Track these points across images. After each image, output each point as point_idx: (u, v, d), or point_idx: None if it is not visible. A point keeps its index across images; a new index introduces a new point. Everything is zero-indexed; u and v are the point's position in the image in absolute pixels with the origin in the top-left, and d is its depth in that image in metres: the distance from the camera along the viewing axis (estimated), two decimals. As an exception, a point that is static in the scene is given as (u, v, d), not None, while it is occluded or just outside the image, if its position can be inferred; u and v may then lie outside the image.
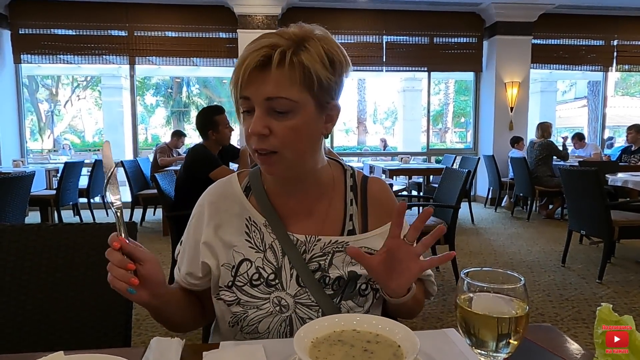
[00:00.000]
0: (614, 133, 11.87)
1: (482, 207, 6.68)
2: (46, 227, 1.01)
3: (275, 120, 0.72)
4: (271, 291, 0.80)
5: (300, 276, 0.80)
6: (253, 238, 0.83)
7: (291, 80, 0.70)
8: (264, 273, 0.81)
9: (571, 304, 2.84)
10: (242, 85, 0.71)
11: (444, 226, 0.75)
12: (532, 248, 4.23)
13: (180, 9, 6.31)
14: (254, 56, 0.70)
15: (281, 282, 0.80)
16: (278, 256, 0.81)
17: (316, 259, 0.82)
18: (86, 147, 16.27)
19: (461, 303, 0.54)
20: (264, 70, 0.70)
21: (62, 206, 4.77)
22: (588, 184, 3.23)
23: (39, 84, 16.50)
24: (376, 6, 6.54)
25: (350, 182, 0.89)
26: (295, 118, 0.72)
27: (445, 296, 2.98)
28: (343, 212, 0.86)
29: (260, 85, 0.71)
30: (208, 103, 18.31)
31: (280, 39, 0.71)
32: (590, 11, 6.84)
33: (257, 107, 0.72)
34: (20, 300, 0.96)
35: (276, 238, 0.82)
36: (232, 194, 0.86)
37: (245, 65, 0.70)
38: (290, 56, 0.70)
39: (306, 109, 0.73)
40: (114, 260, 0.67)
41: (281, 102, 0.71)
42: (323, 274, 0.81)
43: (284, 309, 0.80)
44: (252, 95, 0.72)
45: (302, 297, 0.80)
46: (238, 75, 0.71)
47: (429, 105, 7.48)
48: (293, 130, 0.72)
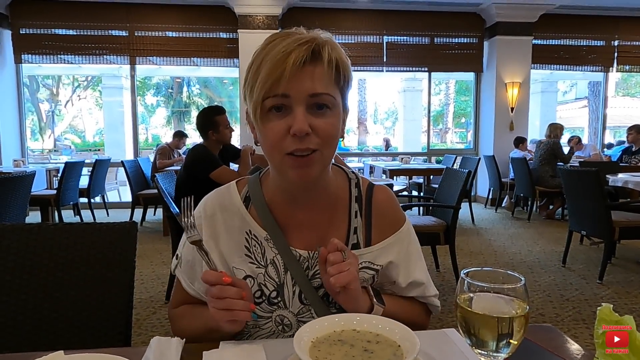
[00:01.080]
0: (615, 134, 11.86)
1: (482, 207, 6.68)
2: (47, 226, 1.01)
3: (316, 118, 0.69)
4: (273, 309, 0.78)
5: (303, 293, 0.77)
6: (253, 253, 0.79)
7: (331, 77, 0.70)
8: (265, 290, 0.78)
9: (572, 304, 2.83)
10: (284, 81, 0.66)
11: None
12: (532, 248, 4.22)
13: (180, 9, 6.32)
14: (300, 50, 0.66)
15: (284, 299, 0.77)
16: (280, 272, 0.78)
17: (319, 276, 0.77)
18: (87, 147, 16.29)
19: (461, 303, 0.54)
20: (306, 65, 0.67)
21: (62, 206, 4.78)
22: (588, 185, 3.23)
23: (39, 83, 16.52)
24: (377, 6, 6.54)
25: (355, 193, 0.84)
26: (333, 115, 0.71)
27: (446, 296, 2.98)
28: (347, 224, 0.82)
29: (304, 81, 0.67)
30: (209, 103, 18.32)
31: (308, 35, 0.69)
32: (590, 11, 6.84)
33: (297, 105, 0.67)
34: (20, 299, 0.96)
35: (278, 253, 0.78)
36: (232, 205, 0.82)
37: (293, 60, 0.65)
38: (330, 52, 0.69)
39: (339, 107, 0.72)
40: (232, 294, 0.66)
41: (324, 98, 0.69)
42: (326, 291, 0.77)
43: (286, 328, 0.77)
44: (293, 91, 0.67)
45: (305, 315, 0.77)
46: (280, 70, 0.65)
47: (429, 105, 7.48)
48: (333, 127, 0.70)
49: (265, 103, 0.68)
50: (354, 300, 0.73)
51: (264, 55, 0.69)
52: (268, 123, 0.69)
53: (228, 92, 17.63)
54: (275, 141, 0.68)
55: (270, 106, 0.68)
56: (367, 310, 0.75)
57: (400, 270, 0.82)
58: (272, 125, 0.68)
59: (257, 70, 0.68)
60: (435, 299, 0.88)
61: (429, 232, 3.02)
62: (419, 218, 3.39)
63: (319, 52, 0.68)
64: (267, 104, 0.68)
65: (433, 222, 3.08)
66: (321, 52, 0.68)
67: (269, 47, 0.69)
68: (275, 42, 0.69)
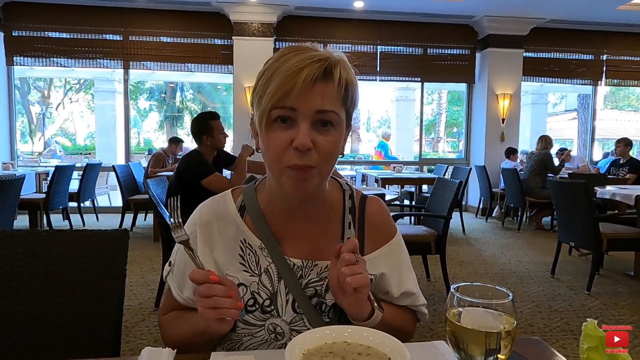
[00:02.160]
0: (603, 146, 12.04)
1: (473, 217, 6.72)
2: (37, 233, 1.01)
3: (319, 134, 0.70)
4: (266, 318, 0.78)
5: (297, 302, 0.78)
6: (248, 261, 0.80)
7: (338, 95, 0.71)
8: (259, 298, 0.78)
9: (560, 315, 2.86)
10: (294, 95, 0.67)
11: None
12: (522, 259, 4.26)
13: (175, 14, 6.33)
14: (313, 67, 0.67)
15: (277, 308, 0.78)
16: (274, 281, 0.79)
17: (312, 285, 0.79)
18: (77, 150, 16.13)
19: (450, 317, 0.55)
20: (316, 83, 0.68)
21: (51, 210, 4.72)
22: (577, 196, 3.27)
23: (30, 86, 16.38)
24: (371, 17, 6.61)
25: (349, 204, 0.86)
26: (335, 134, 0.72)
27: (436, 306, 2.99)
28: (340, 235, 0.83)
29: (311, 97, 0.68)
30: (202, 108, 18.27)
31: (321, 53, 0.70)
32: (580, 26, 6.98)
33: (303, 120, 0.69)
34: (8, 307, 0.95)
35: (272, 262, 0.79)
36: (227, 214, 0.82)
37: (305, 75, 0.66)
38: (341, 72, 0.70)
39: (342, 125, 0.74)
40: (219, 292, 0.65)
41: (330, 116, 0.70)
42: (319, 300, 0.79)
43: (279, 337, 0.78)
44: (301, 106, 0.68)
45: (298, 324, 0.78)
46: (292, 84, 0.67)
47: (421, 114, 7.54)
48: (333, 145, 0.72)
49: (272, 113, 0.69)
50: (360, 304, 0.73)
51: (276, 67, 0.69)
52: (272, 133, 0.70)
53: (222, 98, 17.62)
54: (278, 152, 0.70)
55: (276, 117, 0.69)
56: (368, 315, 0.75)
57: (392, 281, 0.84)
58: (275, 135, 0.70)
59: (268, 81, 0.69)
60: (424, 307, 0.90)
61: (420, 241, 3.03)
62: (410, 227, 3.41)
63: (330, 71, 0.69)
64: (273, 114, 0.69)
65: (424, 232, 3.10)
66: (333, 71, 0.70)
67: (283, 60, 0.70)
68: (290, 55, 0.70)
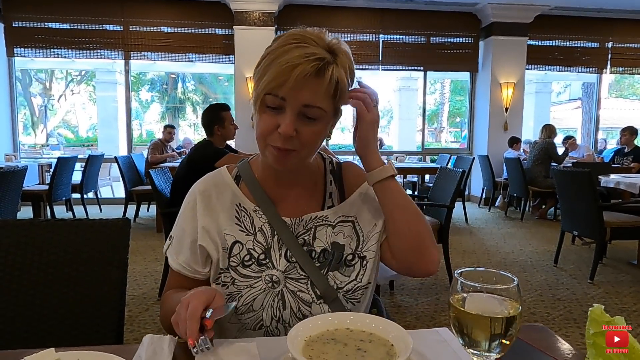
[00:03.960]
0: (607, 135, 11.96)
1: (476, 206, 6.71)
2: (38, 222, 1.01)
3: (303, 124, 0.77)
4: (262, 270, 0.84)
5: (289, 251, 0.85)
6: (243, 222, 0.87)
7: (327, 92, 0.77)
8: (254, 254, 0.85)
9: (563, 304, 2.86)
10: (286, 87, 0.73)
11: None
12: (525, 248, 4.26)
13: (176, 4, 6.28)
14: (307, 66, 0.73)
15: (271, 260, 0.85)
16: (267, 237, 0.86)
17: (301, 236, 0.87)
18: (80, 142, 16.16)
19: (454, 303, 0.55)
20: (308, 79, 0.74)
21: (54, 201, 4.74)
22: (581, 185, 3.25)
23: (32, 77, 16.36)
24: (373, 5, 6.54)
25: (330, 167, 0.96)
26: (319, 125, 0.79)
27: (439, 295, 2.99)
28: (323, 191, 0.92)
29: (301, 91, 0.75)
30: (203, 99, 18.23)
31: (321, 50, 0.75)
32: (585, 13, 6.88)
33: (290, 110, 0.76)
34: (11, 296, 0.95)
35: (267, 221, 0.87)
36: (223, 183, 0.91)
37: (298, 72, 0.72)
38: (333, 71, 0.76)
39: (328, 116, 0.81)
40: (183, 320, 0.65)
41: (315, 111, 0.77)
42: (309, 248, 0.86)
43: (275, 285, 0.83)
44: (289, 97, 0.75)
45: (292, 272, 0.84)
46: (286, 77, 0.73)
47: (424, 104, 7.50)
48: (316, 135, 0.80)
49: (265, 98, 0.77)
50: (368, 134, 0.83)
51: (276, 56, 0.75)
52: (263, 114, 0.78)
53: (223, 89, 17.57)
54: (264, 132, 0.78)
55: (268, 102, 0.77)
56: (377, 164, 0.84)
57: (378, 216, 0.89)
58: (265, 117, 0.78)
59: (266, 68, 0.76)
60: None
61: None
62: (413, 217, 3.39)
63: (323, 70, 0.75)
64: (266, 99, 0.77)
65: (428, 220, 3.09)
66: (325, 71, 0.75)
67: (284, 50, 0.75)
68: (291, 46, 0.75)
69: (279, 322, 0.83)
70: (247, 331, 0.84)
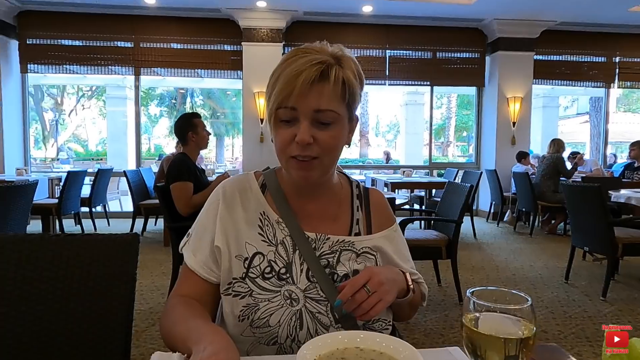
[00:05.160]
0: (616, 149, 11.87)
1: (484, 221, 6.65)
2: (48, 237, 1.01)
3: (319, 130, 0.78)
4: (282, 284, 0.83)
5: (311, 270, 0.83)
6: (266, 232, 0.86)
7: (336, 94, 0.78)
8: (275, 266, 0.84)
9: (575, 321, 2.80)
10: (294, 96, 0.75)
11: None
12: (535, 264, 4.19)
13: (185, 21, 6.39)
14: (310, 71, 0.75)
15: (292, 276, 0.83)
16: (289, 251, 0.85)
17: (325, 256, 0.86)
18: (89, 156, 16.35)
19: (467, 323, 0.54)
20: (314, 84, 0.76)
21: (63, 215, 4.77)
22: (590, 201, 3.22)
23: (44, 93, 16.66)
24: (380, 21, 6.61)
25: (357, 192, 0.96)
26: (336, 129, 0.80)
27: (447, 312, 2.95)
28: (350, 216, 0.92)
29: (311, 98, 0.76)
30: (212, 114, 18.42)
31: (324, 56, 0.77)
32: (592, 28, 6.89)
33: (303, 118, 0.77)
34: (20, 311, 0.95)
35: (289, 234, 0.86)
36: (249, 189, 0.91)
37: (303, 79, 0.74)
38: (337, 72, 0.77)
39: (343, 120, 0.81)
40: None
41: (328, 114, 0.78)
42: (331, 271, 0.85)
43: (294, 302, 0.82)
44: (301, 106, 0.76)
45: (312, 291, 0.83)
46: (292, 87, 0.75)
47: (431, 118, 7.50)
48: (334, 139, 0.80)
49: (278, 112, 0.78)
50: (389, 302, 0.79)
51: (281, 71, 0.78)
52: (279, 129, 0.80)
53: (231, 104, 17.76)
54: (283, 146, 0.79)
55: (281, 116, 0.78)
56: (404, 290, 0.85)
57: (398, 263, 0.92)
58: (281, 131, 0.79)
59: (274, 84, 0.78)
60: (419, 279, 0.98)
61: (430, 246, 3.01)
62: (420, 232, 3.38)
63: (327, 73, 0.77)
64: (279, 114, 0.78)
65: (435, 236, 3.07)
66: (329, 73, 0.77)
67: (287, 64, 0.78)
68: (293, 59, 0.77)
69: (293, 341, 0.80)
70: (260, 346, 0.81)
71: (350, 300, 0.74)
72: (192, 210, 2.79)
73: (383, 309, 0.76)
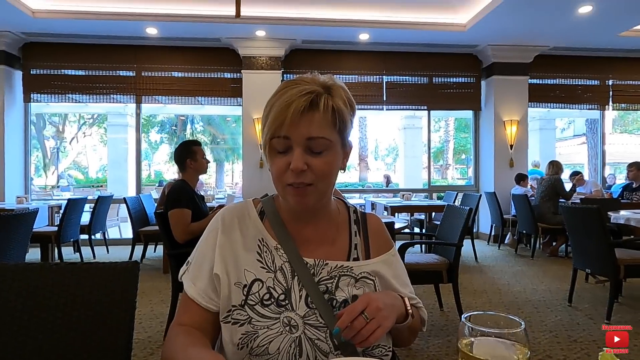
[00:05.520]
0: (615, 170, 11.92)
1: (485, 244, 6.62)
2: (49, 266, 1.02)
3: (312, 157, 0.80)
4: (281, 311, 0.83)
5: (310, 297, 0.84)
6: (264, 259, 0.87)
7: (327, 121, 0.81)
8: (274, 293, 0.84)
9: (579, 345, 2.76)
10: (286, 126, 0.78)
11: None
12: (537, 287, 4.16)
13: (186, 50, 6.55)
14: (300, 101, 0.78)
15: (291, 302, 0.83)
16: (288, 278, 0.85)
17: (324, 282, 0.86)
18: (89, 182, 16.38)
19: (462, 348, 0.54)
20: (304, 113, 0.78)
21: (63, 243, 4.75)
22: (590, 222, 3.22)
23: (46, 121, 16.85)
24: (376, 48, 6.77)
25: (354, 217, 0.98)
26: (329, 155, 0.82)
27: (450, 337, 2.91)
28: (348, 241, 0.93)
29: (302, 126, 0.79)
30: (212, 140, 18.57)
31: (314, 86, 0.81)
32: (584, 52, 7.05)
33: (296, 146, 0.79)
34: (19, 340, 0.95)
35: (287, 260, 0.86)
36: (248, 216, 0.92)
37: (293, 109, 0.77)
38: (327, 101, 0.80)
39: (336, 146, 0.83)
40: None
41: (320, 142, 0.80)
42: (330, 297, 0.85)
43: (293, 329, 0.82)
44: (293, 135, 0.79)
45: (311, 318, 0.83)
46: (283, 117, 0.78)
47: (429, 142, 7.58)
48: (327, 165, 0.82)
49: (272, 142, 0.81)
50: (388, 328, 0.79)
51: (273, 103, 0.81)
52: (274, 158, 0.82)
53: (231, 130, 17.94)
54: (279, 174, 0.81)
55: (275, 146, 0.81)
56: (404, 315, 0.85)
57: (397, 287, 0.93)
58: (276, 160, 0.81)
59: (267, 115, 0.81)
60: (419, 304, 0.97)
61: (431, 270, 2.99)
62: (421, 256, 3.36)
63: (317, 102, 0.80)
64: (273, 143, 0.81)
65: (435, 260, 3.05)
66: (319, 102, 0.80)
67: (278, 95, 0.81)
68: (284, 90, 0.81)
69: None
70: None
71: (349, 327, 0.74)
72: (189, 237, 2.79)
73: (382, 335, 0.76)
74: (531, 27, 5.91)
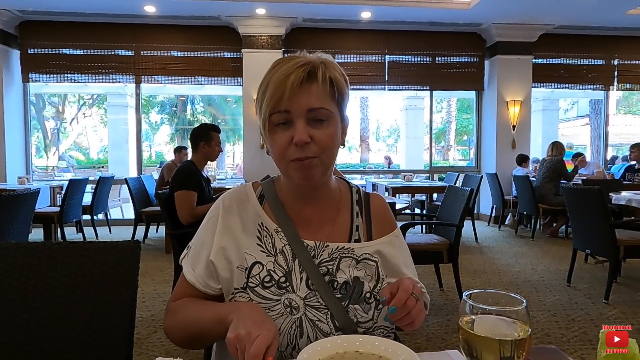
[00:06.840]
0: (617, 151, 11.87)
1: (485, 225, 6.65)
2: (50, 245, 1.02)
3: (315, 129, 0.79)
4: (282, 293, 0.83)
5: (310, 279, 0.84)
6: (264, 243, 0.87)
7: (326, 92, 0.80)
8: (275, 275, 0.84)
9: (577, 324, 2.80)
10: (286, 99, 0.77)
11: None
12: (536, 267, 4.19)
13: (186, 29, 6.44)
14: (298, 72, 0.77)
15: (292, 284, 0.83)
16: (288, 260, 0.85)
17: (325, 264, 0.86)
18: (91, 164, 16.39)
19: (463, 325, 0.54)
20: (303, 85, 0.78)
21: (65, 223, 4.78)
22: (591, 203, 3.22)
23: (45, 102, 16.73)
24: (378, 27, 6.65)
25: (356, 197, 0.96)
26: (330, 126, 0.81)
27: (449, 316, 2.94)
28: (350, 222, 0.92)
29: (302, 98, 0.78)
30: (212, 120, 18.47)
31: (307, 59, 0.80)
32: (590, 31, 6.92)
33: (297, 119, 0.78)
34: (23, 318, 0.96)
35: (287, 243, 0.86)
36: (247, 201, 0.91)
37: (292, 81, 0.76)
38: (324, 71, 0.80)
39: (336, 118, 0.83)
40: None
41: (321, 112, 0.79)
42: (331, 278, 0.85)
43: (294, 311, 0.82)
44: (293, 107, 0.78)
45: (312, 300, 0.83)
46: (282, 90, 0.77)
47: (431, 123, 7.53)
48: (330, 137, 0.81)
49: (271, 118, 0.79)
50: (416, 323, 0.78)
51: (269, 78, 0.80)
52: (274, 135, 0.80)
53: (231, 110, 17.81)
54: (281, 150, 0.79)
55: (276, 121, 0.79)
56: None
57: (401, 269, 0.91)
58: (277, 136, 0.80)
59: (264, 91, 0.80)
60: (427, 295, 0.96)
61: (432, 250, 3.01)
62: (421, 236, 3.38)
63: (314, 72, 0.79)
64: (273, 119, 0.79)
65: (436, 241, 3.07)
66: (316, 72, 0.79)
67: (273, 71, 0.81)
68: (279, 66, 0.80)
69: (294, 349, 0.81)
70: None
71: (403, 306, 0.71)
72: (194, 220, 2.80)
73: (424, 318, 0.76)
74: (537, 4, 5.79)
